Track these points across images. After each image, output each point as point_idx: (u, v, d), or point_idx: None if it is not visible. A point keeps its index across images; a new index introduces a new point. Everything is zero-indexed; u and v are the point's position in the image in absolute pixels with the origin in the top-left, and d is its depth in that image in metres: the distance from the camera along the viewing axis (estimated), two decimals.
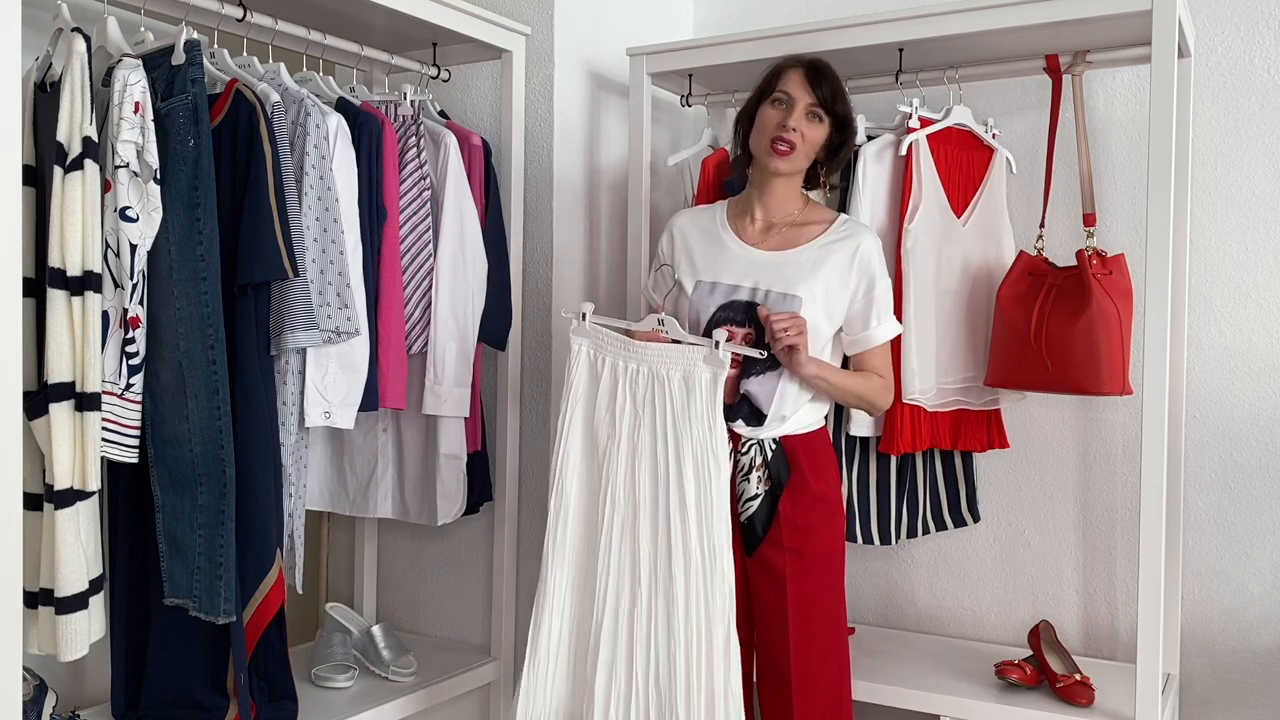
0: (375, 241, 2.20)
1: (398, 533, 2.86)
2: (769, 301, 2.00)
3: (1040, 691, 2.27)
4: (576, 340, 2.00)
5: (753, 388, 1.98)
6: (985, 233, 2.49)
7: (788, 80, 2.02)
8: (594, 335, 1.99)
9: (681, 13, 3.08)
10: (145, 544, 2.02)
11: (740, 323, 2.00)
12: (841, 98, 2.03)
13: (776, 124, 2.00)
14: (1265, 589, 2.43)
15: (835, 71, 2.04)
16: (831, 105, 2.01)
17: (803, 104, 2.00)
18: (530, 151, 2.64)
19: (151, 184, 1.82)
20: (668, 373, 1.92)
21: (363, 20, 2.32)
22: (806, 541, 2.01)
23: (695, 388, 1.90)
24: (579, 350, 2.00)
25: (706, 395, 1.89)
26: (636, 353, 1.95)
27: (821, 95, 2.00)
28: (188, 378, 1.89)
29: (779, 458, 2.01)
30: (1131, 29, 2.17)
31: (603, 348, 1.98)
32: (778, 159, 2.01)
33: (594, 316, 2.00)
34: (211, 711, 2.04)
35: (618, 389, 1.96)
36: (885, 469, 2.45)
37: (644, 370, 1.94)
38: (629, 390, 1.95)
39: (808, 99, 2.00)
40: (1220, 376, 2.46)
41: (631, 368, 1.95)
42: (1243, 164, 2.44)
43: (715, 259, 2.07)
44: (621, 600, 1.93)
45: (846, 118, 2.05)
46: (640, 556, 1.92)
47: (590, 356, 1.99)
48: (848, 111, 2.05)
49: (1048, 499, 2.63)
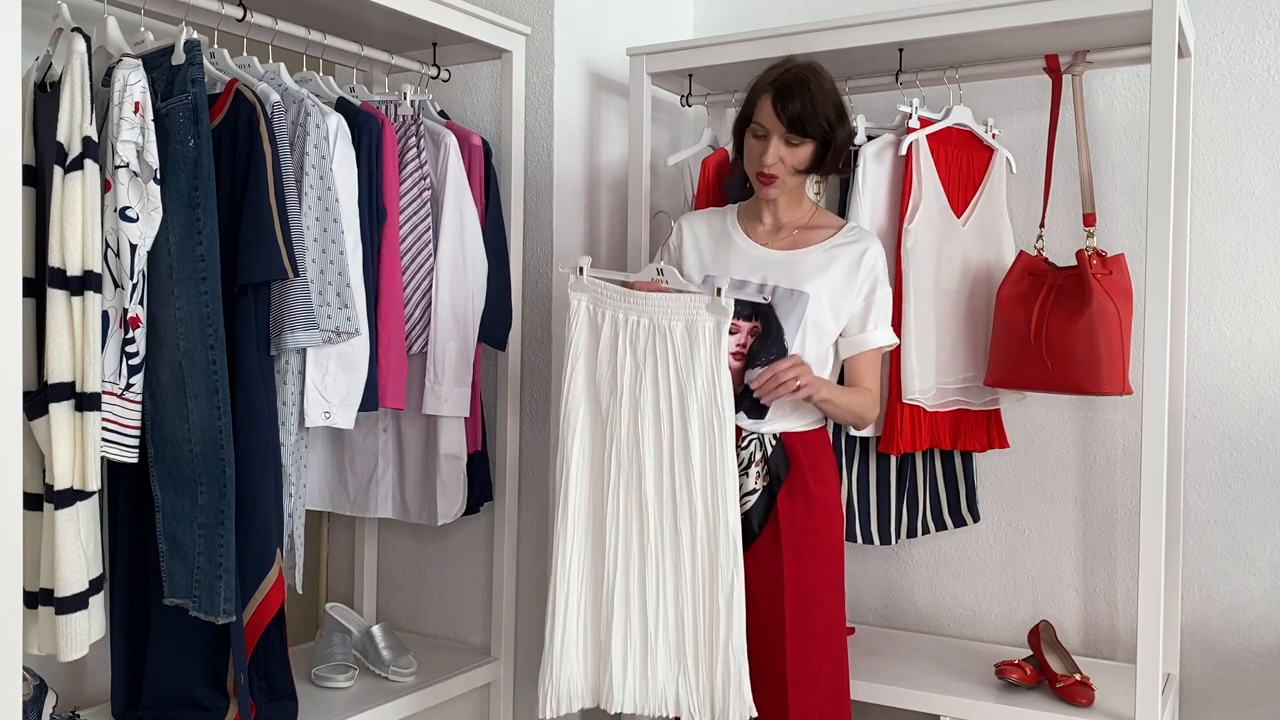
0: (375, 241, 2.20)
1: (398, 533, 2.86)
2: (776, 296, 2.00)
3: (1040, 691, 2.27)
4: (575, 296, 1.96)
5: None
6: (985, 233, 2.49)
7: (760, 110, 1.99)
8: (593, 289, 1.95)
9: (681, 13, 3.08)
10: (145, 544, 2.02)
11: (748, 316, 2.01)
12: (813, 115, 1.95)
13: (758, 157, 2.01)
14: (1265, 589, 2.43)
15: (811, 82, 1.97)
16: (803, 127, 1.96)
17: (777, 134, 1.98)
18: (530, 151, 2.64)
19: (151, 184, 1.82)
20: (669, 323, 1.88)
21: (363, 20, 2.32)
22: (805, 539, 2.01)
23: (699, 337, 1.87)
24: (578, 305, 1.96)
25: (710, 344, 1.86)
26: (637, 304, 1.92)
27: (792, 119, 1.95)
28: (188, 378, 1.89)
29: (779, 454, 2.01)
30: (1131, 29, 2.17)
31: (602, 301, 1.94)
32: (766, 188, 2.04)
33: (591, 270, 1.96)
34: (211, 711, 2.04)
35: (618, 342, 1.93)
36: (885, 469, 2.45)
37: (644, 322, 1.90)
38: (629, 344, 1.92)
39: (780, 128, 1.97)
40: (1220, 376, 2.46)
41: (632, 320, 1.92)
42: (1243, 164, 2.44)
43: (724, 255, 2.09)
44: (631, 560, 1.92)
45: (827, 131, 1.98)
46: (647, 513, 1.90)
47: (590, 311, 1.96)
48: (825, 124, 1.97)
49: (1048, 499, 2.63)
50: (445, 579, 2.80)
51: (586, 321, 1.96)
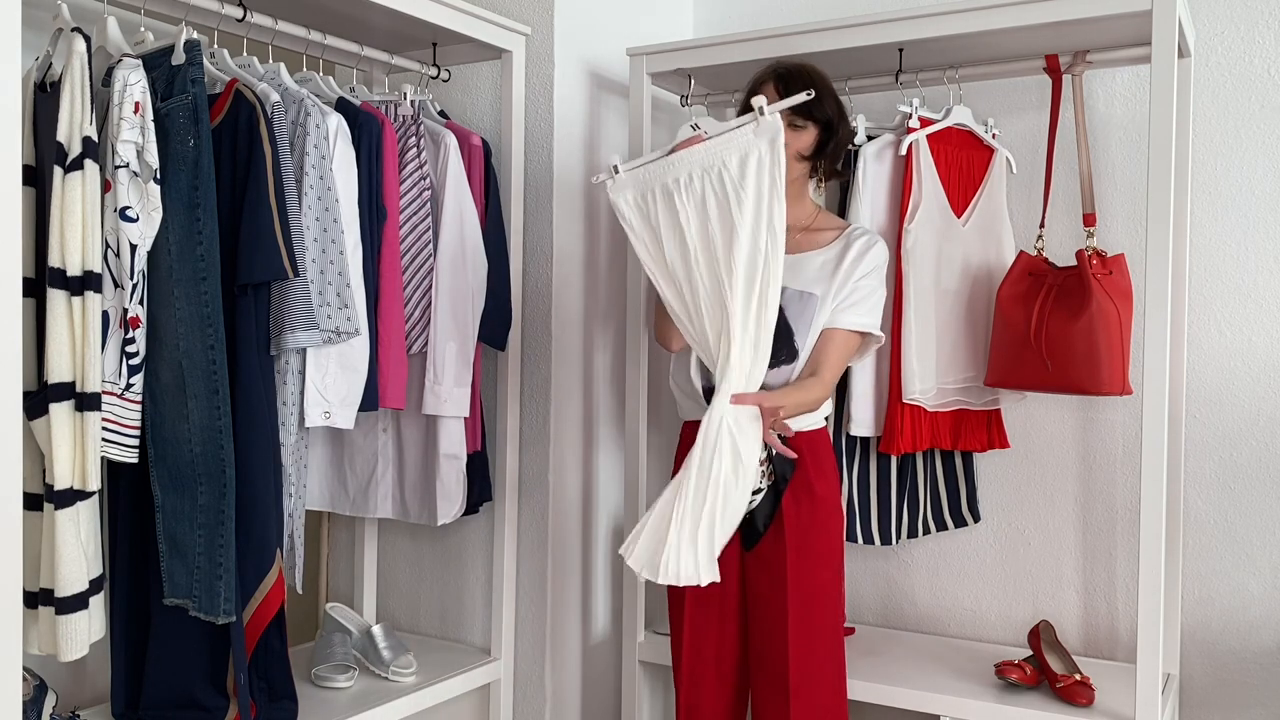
0: (375, 241, 2.20)
1: (398, 533, 2.86)
2: (785, 298, 2.01)
3: (1040, 691, 2.27)
4: (618, 196, 1.90)
5: (769, 380, 1.99)
6: (985, 233, 2.49)
7: (765, 96, 2.00)
8: (634, 180, 1.89)
9: (681, 13, 3.08)
10: (145, 544, 2.02)
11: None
12: (817, 98, 2.00)
13: None
14: (1265, 589, 2.43)
15: (812, 71, 2.03)
16: (810, 111, 2.00)
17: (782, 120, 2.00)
18: (530, 151, 2.64)
19: (151, 184, 1.82)
20: (723, 161, 1.82)
21: (363, 20, 2.32)
22: (809, 540, 2.01)
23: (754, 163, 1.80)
24: (627, 205, 1.90)
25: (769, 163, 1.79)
26: (685, 162, 1.85)
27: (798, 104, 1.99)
28: (188, 378, 1.89)
29: (784, 455, 2.01)
30: (1131, 29, 2.17)
31: (648, 182, 1.88)
32: None
33: (625, 165, 1.91)
34: (211, 711, 2.04)
35: (676, 204, 1.86)
36: (885, 469, 2.45)
37: (697, 173, 1.83)
38: (688, 198, 1.85)
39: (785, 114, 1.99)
40: (1220, 377, 2.46)
41: (683, 179, 1.85)
42: (1243, 164, 2.44)
43: None
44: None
45: (830, 118, 2.04)
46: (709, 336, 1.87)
47: (639, 204, 1.90)
48: (830, 110, 2.03)
49: (1048, 499, 2.63)
50: (445, 579, 2.80)
51: (639, 218, 1.90)
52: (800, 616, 1.99)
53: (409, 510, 2.49)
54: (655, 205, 1.88)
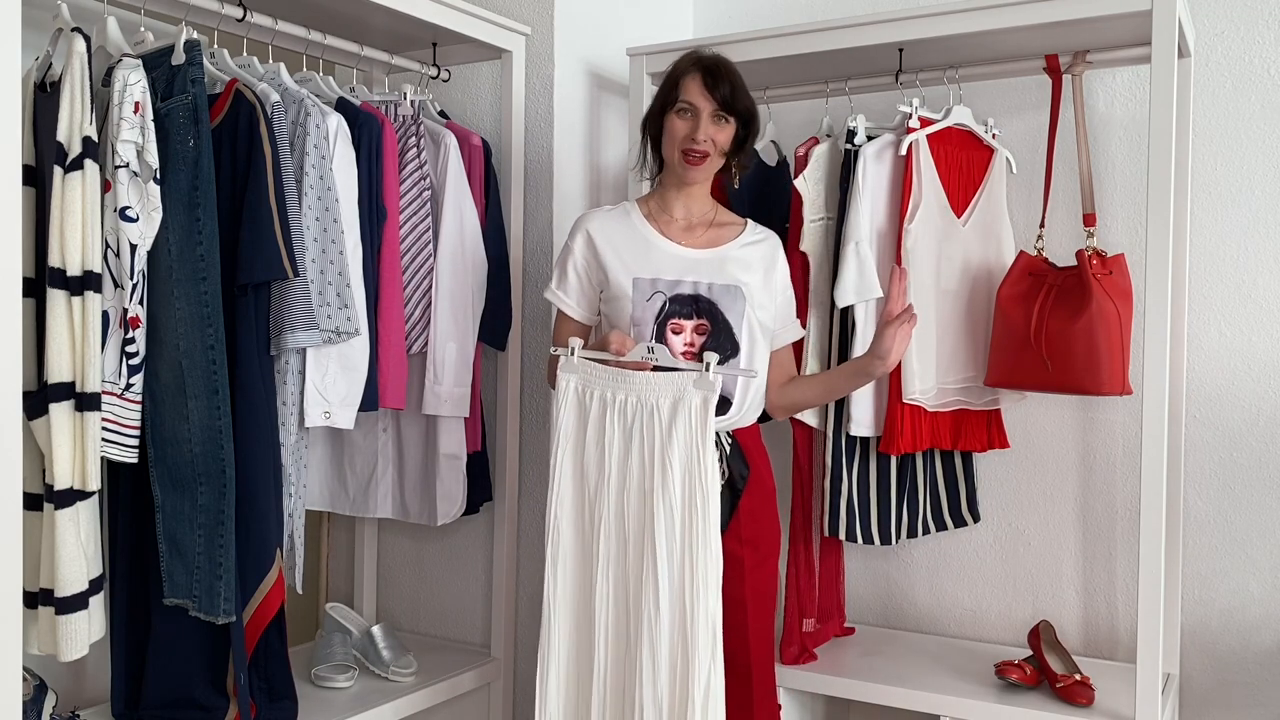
0: (375, 241, 2.20)
1: (398, 533, 2.86)
2: (713, 293, 2.02)
3: (1040, 691, 2.27)
4: (564, 376, 1.96)
5: (725, 382, 1.99)
6: (985, 233, 2.49)
7: (687, 88, 2.01)
8: (582, 370, 1.95)
9: (681, 13, 3.08)
10: (145, 544, 2.02)
11: (688, 315, 2.02)
12: (741, 93, 2.01)
13: (685, 135, 2.01)
14: (1265, 589, 2.43)
15: (732, 66, 2.04)
16: (733, 105, 2.01)
17: (707, 111, 2.00)
18: (530, 151, 2.64)
19: (151, 184, 1.82)
20: (657, 401, 1.89)
21: (363, 20, 2.32)
22: (760, 533, 2.08)
23: (685, 412, 1.87)
24: (566, 386, 1.96)
25: (697, 420, 1.87)
26: (625, 383, 1.92)
27: (722, 98, 2.00)
28: (188, 378, 1.89)
29: (736, 452, 2.05)
30: (1131, 29, 2.17)
31: (591, 382, 1.94)
32: (692, 169, 2.03)
33: (582, 351, 1.97)
34: (211, 711, 2.04)
35: (606, 419, 1.92)
36: (885, 469, 2.45)
37: (632, 400, 1.90)
38: (618, 420, 1.91)
39: (710, 105, 2.00)
40: (1220, 377, 2.46)
41: (620, 398, 1.92)
42: (1243, 164, 2.44)
43: (646, 256, 2.06)
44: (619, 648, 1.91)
45: (749, 112, 2.05)
46: (629, 600, 1.90)
47: (579, 392, 1.95)
48: (749, 105, 2.04)
49: (1048, 499, 2.63)
50: (445, 579, 2.80)
51: (575, 403, 1.95)
52: (758, 609, 2.06)
53: (409, 510, 2.49)
54: (591, 406, 1.94)
